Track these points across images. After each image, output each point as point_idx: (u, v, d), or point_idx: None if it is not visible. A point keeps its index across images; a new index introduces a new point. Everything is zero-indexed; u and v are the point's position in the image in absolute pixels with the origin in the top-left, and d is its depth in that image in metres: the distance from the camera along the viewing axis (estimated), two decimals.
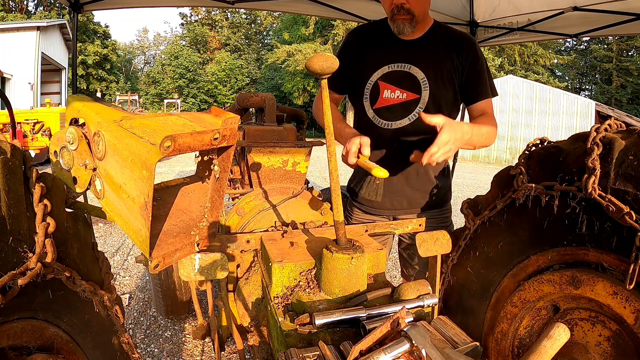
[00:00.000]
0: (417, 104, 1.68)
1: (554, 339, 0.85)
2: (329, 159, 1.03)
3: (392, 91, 1.71)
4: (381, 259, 1.18)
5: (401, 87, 1.70)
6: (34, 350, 0.91)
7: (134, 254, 4.55)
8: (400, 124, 1.70)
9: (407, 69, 1.69)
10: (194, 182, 1.13)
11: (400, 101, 1.70)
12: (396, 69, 1.70)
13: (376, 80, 1.73)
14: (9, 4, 26.88)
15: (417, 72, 1.67)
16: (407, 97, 1.69)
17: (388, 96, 1.72)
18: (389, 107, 1.72)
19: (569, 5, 3.23)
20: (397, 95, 1.70)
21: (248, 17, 39.79)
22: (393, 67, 1.71)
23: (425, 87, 1.67)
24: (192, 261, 1.08)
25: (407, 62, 1.69)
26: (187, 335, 2.98)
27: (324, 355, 0.81)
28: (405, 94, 1.69)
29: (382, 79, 1.72)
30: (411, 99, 1.68)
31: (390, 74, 1.71)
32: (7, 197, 0.82)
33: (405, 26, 1.64)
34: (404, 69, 1.69)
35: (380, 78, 1.73)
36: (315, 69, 0.94)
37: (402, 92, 1.69)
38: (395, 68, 1.70)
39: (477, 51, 1.69)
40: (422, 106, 1.67)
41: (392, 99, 1.71)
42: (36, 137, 10.01)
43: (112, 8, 3.69)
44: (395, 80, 1.71)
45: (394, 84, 1.71)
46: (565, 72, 35.73)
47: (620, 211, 0.98)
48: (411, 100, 1.68)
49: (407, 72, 1.69)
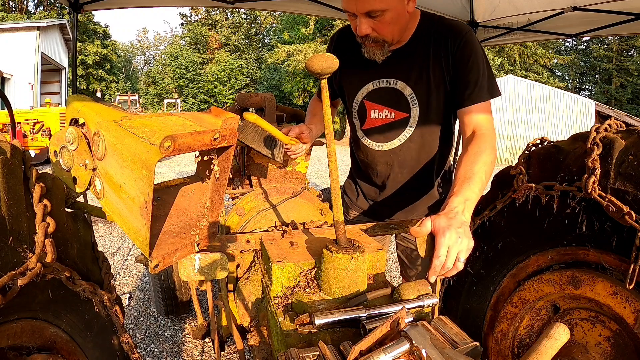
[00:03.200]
0: (407, 123, 1.55)
1: (554, 339, 0.85)
2: (329, 159, 1.03)
3: (379, 111, 1.58)
4: (381, 259, 1.18)
5: (389, 106, 1.56)
6: (34, 350, 0.91)
7: (134, 254, 4.55)
8: (391, 145, 1.60)
9: (393, 85, 1.53)
10: (194, 182, 1.13)
11: (389, 121, 1.58)
12: (381, 86, 1.55)
13: (362, 99, 1.61)
14: (9, 4, 26.88)
15: (404, 88, 1.52)
16: (395, 117, 1.56)
17: (376, 116, 1.59)
18: (378, 128, 1.61)
19: (569, 5, 3.23)
20: (384, 115, 1.58)
21: (248, 17, 39.79)
22: (378, 84, 1.56)
23: (414, 104, 1.52)
24: (192, 261, 1.08)
25: (392, 77, 1.52)
26: (187, 335, 2.98)
27: (324, 355, 0.81)
28: (393, 113, 1.56)
29: (367, 98, 1.59)
30: (400, 118, 1.55)
31: (376, 91, 1.57)
32: (7, 197, 0.82)
33: (376, 53, 1.46)
34: (390, 84, 1.54)
35: (366, 97, 1.60)
36: (315, 69, 0.94)
37: (390, 112, 1.56)
38: (380, 85, 1.55)
39: (467, 44, 1.41)
40: (413, 125, 1.55)
41: (380, 119, 1.59)
42: (36, 137, 10.00)
43: (112, 8, 3.69)
44: (381, 98, 1.57)
45: (381, 103, 1.57)
46: (565, 72, 35.72)
47: (620, 211, 0.98)
48: (400, 120, 1.56)
49: (392, 89, 1.53)
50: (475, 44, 1.43)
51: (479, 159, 1.25)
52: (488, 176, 1.24)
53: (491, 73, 1.44)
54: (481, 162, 1.24)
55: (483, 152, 1.27)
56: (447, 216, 1.05)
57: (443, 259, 1.00)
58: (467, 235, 1.03)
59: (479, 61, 1.40)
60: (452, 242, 1.00)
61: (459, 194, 1.14)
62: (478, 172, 1.20)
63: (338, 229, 1.03)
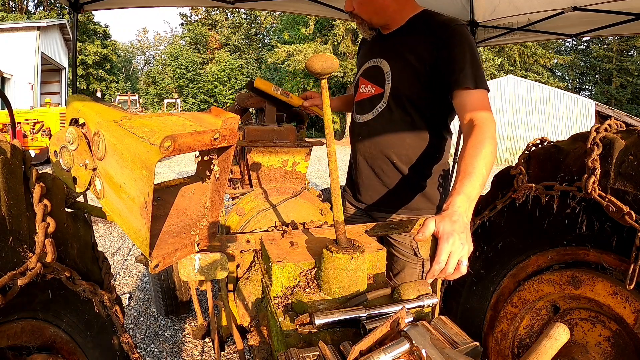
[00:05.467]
0: (381, 98, 1.67)
1: (554, 339, 0.85)
2: (329, 159, 1.03)
3: (365, 85, 1.75)
4: (381, 259, 1.18)
5: (372, 81, 1.72)
6: (34, 350, 0.91)
7: (134, 254, 4.55)
8: (366, 117, 1.74)
9: (379, 63, 1.69)
10: (194, 182, 1.13)
11: (369, 95, 1.72)
12: (372, 64, 1.72)
13: (359, 76, 1.81)
14: (9, 4, 26.87)
15: (385, 66, 1.65)
16: (374, 92, 1.70)
17: (363, 90, 1.77)
18: (362, 101, 1.77)
19: (569, 5, 3.23)
20: (368, 89, 1.73)
21: (248, 17, 39.78)
22: (371, 63, 1.73)
23: (389, 81, 1.63)
24: (192, 261, 1.08)
25: (380, 57, 1.69)
26: (187, 335, 2.98)
27: (324, 355, 0.81)
28: (373, 88, 1.70)
29: (362, 74, 1.78)
30: (377, 93, 1.68)
31: (368, 69, 1.74)
32: (7, 197, 0.82)
33: (360, 29, 1.71)
34: (377, 63, 1.70)
35: (362, 74, 1.78)
36: (315, 69, 0.94)
37: (372, 87, 1.71)
38: (372, 63, 1.72)
39: (455, 37, 1.45)
40: (385, 100, 1.65)
41: (364, 94, 1.75)
42: (36, 137, 10.01)
43: (112, 8, 3.68)
44: (369, 75, 1.73)
45: (368, 79, 1.74)
46: (565, 72, 35.72)
47: (620, 211, 0.98)
48: (377, 95, 1.69)
49: (378, 67, 1.69)
50: (464, 35, 1.46)
51: (478, 152, 1.24)
52: (489, 168, 1.24)
53: (478, 65, 1.44)
54: (481, 155, 1.23)
55: (481, 144, 1.26)
56: (451, 219, 1.04)
57: (443, 265, 0.99)
58: (469, 241, 1.03)
59: (464, 51, 1.43)
60: (455, 248, 0.99)
61: (462, 192, 1.13)
62: (478, 167, 1.20)
63: (338, 229, 1.03)
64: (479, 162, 1.21)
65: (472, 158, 1.23)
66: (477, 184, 1.17)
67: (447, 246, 0.99)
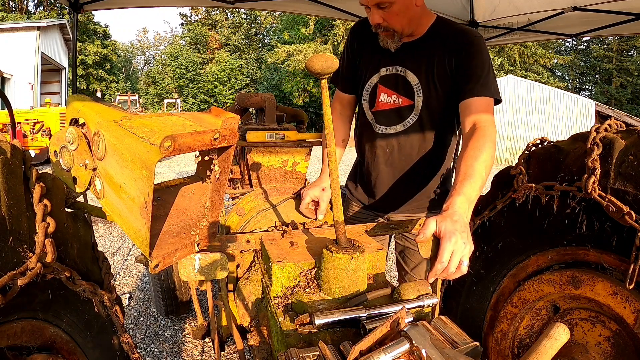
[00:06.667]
0: (412, 110, 1.65)
1: (554, 339, 0.85)
2: (329, 159, 1.03)
3: (388, 95, 1.69)
4: (381, 259, 1.18)
5: (397, 91, 1.67)
6: (34, 350, 0.91)
7: (134, 254, 4.55)
8: (395, 129, 1.69)
9: (402, 73, 1.65)
10: (194, 182, 1.13)
11: (396, 106, 1.68)
12: (392, 72, 1.67)
13: (375, 83, 1.72)
14: (9, 4, 26.88)
15: (412, 78, 1.63)
16: (402, 103, 1.66)
17: (384, 100, 1.70)
18: (385, 111, 1.71)
19: (569, 5, 3.23)
20: (392, 99, 1.68)
21: (248, 17, 39.78)
22: (390, 70, 1.68)
23: (419, 94, 1.62)
24: (192, 261, 1.08)
25: (402, 66, 1.64)
26: (187, 335, 2.98)
27: (324, 355, 0.81)
28: (400, 99, 1.66)
29: (381, 82, 1.71)
30: (406, 104, 1.66)
31: (386, 77, 1.69)
32: (7, 197, 0.82)
33: (388, 42, 1.60)
34: (399, 72, 1.65)
35: (380, 81, 1.71)
36: (315, 69, 0.94)
37: (398, 97, 1.67)
38: (392, 71, 1.67)
39: (474, 47, 1.51)
40: (417, 113, 1.64)
41: (388, 104, 1.70)
42: (36, 137, 10.01)
43: (112, 8, 3.69)
44: (391, 84, 1.68)
45: (391, 88, 1.68)
46: (565, 72, 35.72)
47: (620, 211, 0.98)
48: (406, 106, 1.66)
49: (402, 77, 1.65)
50: (482, 47, 1.53)
51: (479, 154, 1.28)
52: (488, 171, 1.28)
53: (494, 77, 1.51)
54: (482, 158, 1.27)
55: (483, 147, 1.30)
56: (452, 219, 1.06)
57: (446, 264, 1.01)
58: (470, 240, 1.05)
59: (484, 62, 1.49)
60: (457, 247, 1.01)
61: (462, 193, 1.16)
62: (478, 169, 1.23)
63: (338, 229, 1.03)
64: (479, 165, 1.24)
65: (473, 160, 1.26)
66: (477, 186, 1.20)
67: (449, 245, 1.01)
